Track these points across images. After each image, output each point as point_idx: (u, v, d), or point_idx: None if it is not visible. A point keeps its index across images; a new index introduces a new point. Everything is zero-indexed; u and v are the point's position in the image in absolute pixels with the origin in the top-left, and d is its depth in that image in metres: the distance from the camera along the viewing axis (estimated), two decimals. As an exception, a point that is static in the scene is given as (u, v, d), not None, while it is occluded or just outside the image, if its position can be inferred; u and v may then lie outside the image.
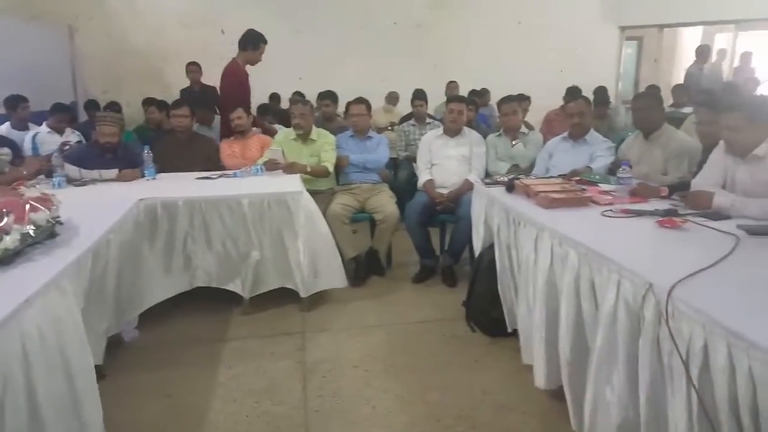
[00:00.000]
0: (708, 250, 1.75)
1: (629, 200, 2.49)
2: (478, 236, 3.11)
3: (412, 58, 7.52)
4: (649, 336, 1.54)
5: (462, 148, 3.91)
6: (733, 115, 2.23)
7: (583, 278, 1.93)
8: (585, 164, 3.30)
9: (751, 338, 1.21)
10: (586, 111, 3.49)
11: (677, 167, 2.99)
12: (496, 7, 7.74)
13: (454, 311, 3.26)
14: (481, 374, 2.64)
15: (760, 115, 2.20)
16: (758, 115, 2.20)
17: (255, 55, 4.46)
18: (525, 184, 2.72)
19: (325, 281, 3.33)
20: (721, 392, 1.30)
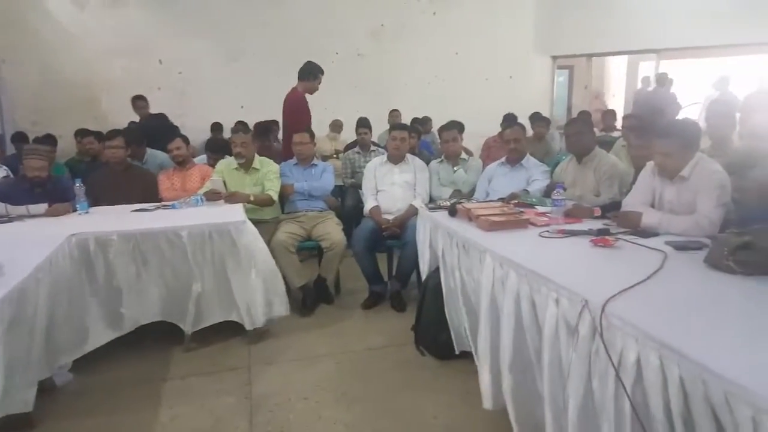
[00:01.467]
0: (639, 267, 1.84)
1: (565, 221, 2.60)
2: (423, 260, 3.15)
3: (354, 87, 7.62)
4: (582, 351, 1.59)
5: (406, 174, 3.97)
6: (667, 141, 2.38)
7: (523, 298, 1.98)
8: (522, 188, 3.42)
9: (681, 349, 1.28)
10: (521, 137, 3.64)
11: (609, 188, 3.15)
12: (434, 37, 8.00)
13: (403, 336, 3.27)
14: (431, 398, 2.64)
15: (691, 142, 2.36)
16: (690, 142, 2.36)
17: (314, 84, 4.88)
18: (466, 208, 2.79)
19: (272, 312, 3.26)
20: (655, 402, 1.36)
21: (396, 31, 7.98)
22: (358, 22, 7.85)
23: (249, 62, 7.46)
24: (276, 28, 7.53)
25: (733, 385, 1.14)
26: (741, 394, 1.11)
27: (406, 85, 7.89)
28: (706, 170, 2.34)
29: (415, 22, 7.98)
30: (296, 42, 7.62)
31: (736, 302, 1.60)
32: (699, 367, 1.22)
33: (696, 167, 2.36)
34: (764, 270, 1.71)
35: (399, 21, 7.95)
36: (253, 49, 7.48)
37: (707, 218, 2.26)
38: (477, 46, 8.01)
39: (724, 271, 1.77)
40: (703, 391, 1.21)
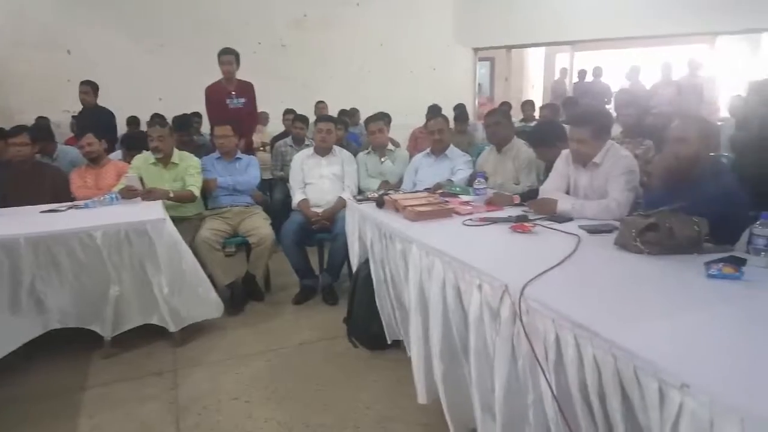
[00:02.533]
0: (555, 251, 1.93)
1: (487, 209, 2.68)
2: (353, 252, 3.15)
3: (279, 78, 7.46)
4: (505, 334, 1.66)
5: (334, 166, 3.95)
6: (581, 129, 2.51)
7: (449, 286, 2.03)
8: (447, 177, 3.49)
9: (594, 329, 1.35)
10: (445, 128, 3.71)
11: (527, 176, 3.28)
12: (359, 28, 7.98)
13: (335, 329, 3.26)
14: (364, 389, 2.65)
15: (603, 129, 2.49)
16: (602, 129, 2.49)
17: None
18: (393, 199, 2.81)
19: (197, 312, 3.16)
20: (573, 380, 1.43)
21: (319, 21, 7.88)
22: (280, 12, 7.69)
23: (167, 53, 7.14)
24: (195, 18, 7.24)
25: (640, 360, 1.21)
26: (647, 367, 1.19)
27: (332, 77, 7.83)
28: (616, 156, 2.49)
29: (338, 12, 7.92)
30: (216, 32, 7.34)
31: (643, 281, 1.71)
32: (609, 344, 1.29)
33: (607, 154, 2.51)
34: (668, 249, 1.84)
35: (322, 11, 7.86)
36: (172, 39, 7.16)
37: (616, 201, 2.41)
38: (401, 38, 8.07)
39: (633, 252, 1.89)
40: (613, 367, 1.29)
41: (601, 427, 1.38)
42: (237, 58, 4.79)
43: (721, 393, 1.04)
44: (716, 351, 1.22)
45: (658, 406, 1.17)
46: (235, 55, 4.78)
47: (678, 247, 1.83)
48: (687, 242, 1.82)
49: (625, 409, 1.29)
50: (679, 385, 1.11)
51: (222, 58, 4.73)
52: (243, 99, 4.84)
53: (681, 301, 1.51)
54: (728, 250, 1.84)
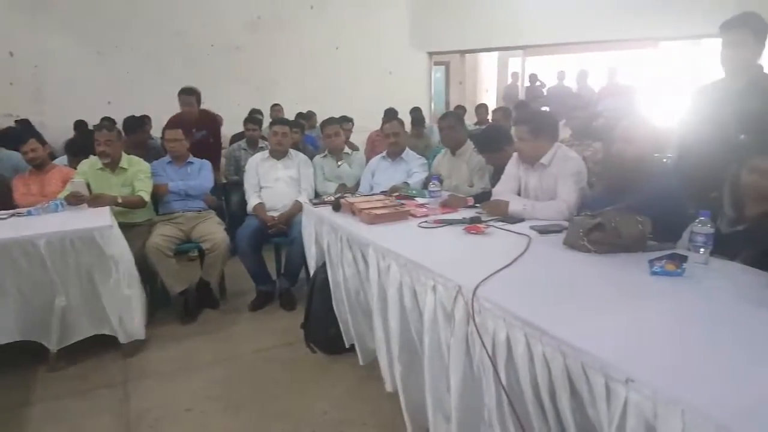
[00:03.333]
0: (507, 251, 1.96)
1: (442, 211, 2.71)
2: (310, 256, 3.13)
3: (233, 81, 7.35)
4: (459, 334, 1.68)
5: (290, 170, 3.92)
6: (520, 127, 2.58)
7: (405, 288, 2.04)
8: (403, 180, 3.51)
9: (543, 326, 1.39)
10: (400, 131, 3.74)
11: (481, 179, 3.34)
12: (314, 31, 7.94)
13: (293, 335, 3.22)
14: (322, 394, 2.63)
15: (542, 128, 2.57)
16: (540, 128, 2.56)
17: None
18: (350, 203, 2.81)
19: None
20: (524, 378, 1.46)
21: (274, 23, 7.79)
22: (233, 14, 7.56)
23: (117, 55, 6.91)
24: (146, 19, 7.03)
25: (587, 356, 1.25)
26: (594, 363, 1.23)
27: (288, 79, 7.76)
28: (564, 158, 2.58)
29: (293, 15, 7.86)
30: (168, 34, 7.19)
31: (590, 279, 1.76)
32: (557, 342, 1.33)
33: (555, 155, 2.59)
34: (614, 248, 1.91)
35: (276, 13, 7.78)
36: (122, 41, 6.93)
37: (566, 203, 2.48)
38: (356, 41, 8.07)
39: (581, 251, 1.95)
40: (562, 364, 1.32)
41: (552, 424, 1.41)
42: (198, 98, 4.74)
43: (663, 386, 1.09)
44: (659, 345, 1.27)
45: (606, 400, 1.21)
46: (196, 95, 4.73)
47: (623, 246, 1.89)
48: (632, 241, 1.89)
49: (575, 404, 1.33)
50: (624, 380, 1.15)
51: (182, 99, 4.63)
52: (204, 131, 4.76)
53: (626, 297, 1.57)
54: (670, 247, 1.91)
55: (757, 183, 1.82)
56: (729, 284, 1.61)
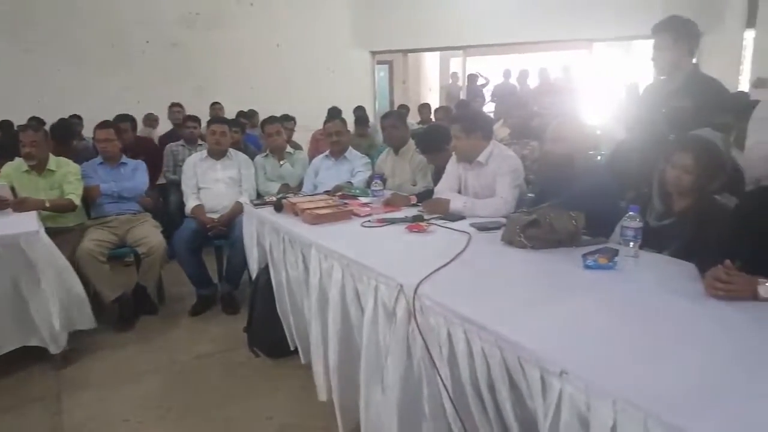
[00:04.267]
0: (448, 249, 1.98)
1: (384, 210, 2.71)
2: (252, 258, 3.06)
3: (171, 79, 7.11)
4: (400, 333, 1.68)
5: (230, 170, 3.82)
6: (454, 126, 2.64)
7: (348, 288, 2.03)
8: (347, 179, 3.50)
9: (481, 322, 1.41)
10: (342, 130, 3.72)
11: (423, 177, 3.37)
12: (254, 28, 7.78)
13: (236, 340, 3.14)
14: (266, 399, 2.58)
15: (474, 126, 2.62)
16: (472, 126, 2.62)
17: None
18: (292, 203, 2.77)
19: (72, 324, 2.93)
20: (465, 374, 1.47)
21: (211, 20, 7.59)
22: (169, 10, 7.31)
23: (47, 53, 6.55)
24: (78, 14, 6.70)
25: (523, 350, 1.28)
26: (530, 357, 1.26)
27: (229, 77, 7.58)
28: (501, 156, 2.65)
29: (231, 11, 7.68)
30: (101, 29, 6.88)
31: (527, 274, 1.81)
32: (495, 336, 1.35)
33: (492, 154, 2.65)
34: (549, 243, 1.97)
35: (214, 10, 7.58)
36: (52, 38, 6.57)
37: (503, 199, 2.54)
38: (298, 39, 7.97)
39: (518, 247, 1.99)
40: (500, 358, 1.34)
41: (492, 418, 1.44)
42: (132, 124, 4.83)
43: (595, 378, 1.12)
44: (591, 337, 1.31)
45: (541, 392, 1.23)
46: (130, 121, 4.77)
47: (558, 241, 1.95)
48: (566, 236, 1.95)
49: (514, 397, 1.35)
50: (559, 372, 1.18)
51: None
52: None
53: (561, 291, 1.62)
54: (603, 242, 1.99)
55: (679, 178, 1.92)
56: (657, 276, 1.68)
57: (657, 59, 2.54)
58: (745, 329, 1.31)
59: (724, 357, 1.19)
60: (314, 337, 2.30)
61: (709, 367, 1.15)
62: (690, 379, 1.10)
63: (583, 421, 1.13)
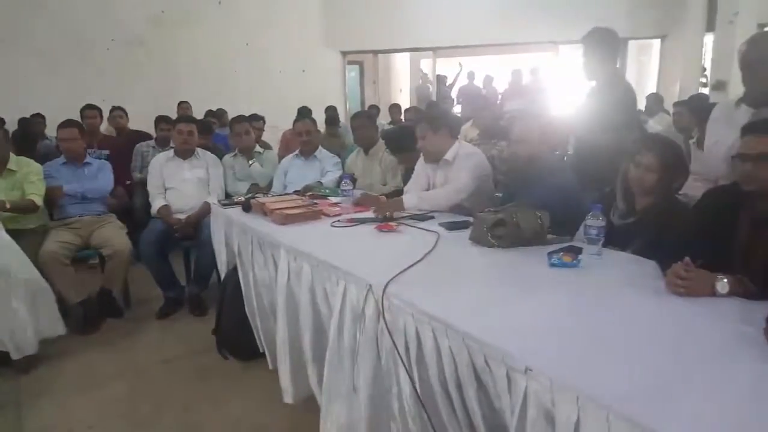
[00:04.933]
0: (417, 248, 1.99)
1: (354, 210, 2.71)
2: (221, 260, 3.03)
3: (137, 78, 6.97)
4: (369, 333, 1.68)
5: (198, 170, 3.76)
6: (420, 125, 2.68)
7: (317, 288, 2.02)
8: (316, 179, 3.48)
9: (448, 321, 1.42)
10: (312, 129, 3.70)
11: (394, 177, 3.39)
12: (223, 27, 7.68)
13: (204, 342, 3.09)
14: (236, 402, 2.55)
15: (439, 124, 2.65)
16: (438, 124, 2.65)
17: None
18: (261, 203, 2.74)
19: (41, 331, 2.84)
20: (433, 373, 1.48)
21: (179, 18, 7.45)
22: (135, 8, 7.14)
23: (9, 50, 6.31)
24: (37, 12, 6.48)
25: (489, 348, 1.29)
26: (496, 355, 1.27)
27: (197, 76, 7.46)
28: (466, 153, 2.71)
29: (199, 9, 7.56)
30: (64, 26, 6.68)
31: (494, 272, 1.84)
32: (462, 335, 1.36)
33: (458, 152, 2.69)
34: (516, 242, 1.99)
35: (181, 8, 7.44)
36: (15, 35, 6.34)
37: (454, 187, 2.59)
38: (268, 39, 7.89)
39: (485, 246, 2.01)
40: (467, 357, 1.36)
41: (460, 416, 1.45)
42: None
43: (559, 374, 1.14)
44: (556, 335, 1.34)
45: (508, 390, 1.25)
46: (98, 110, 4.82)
47: (524, 240, 1.98)
48: (532, 234, 1.98)
49: (482, 395, 1.36)
50: (524, 370, 1.19)
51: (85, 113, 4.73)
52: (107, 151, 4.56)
53: (526, 289, 1.64)
54: (568, 240, 2.02)
55: (643, 177, 1.97)
56: (620, 274, 1.72)
57: (584, 66, 2.79)
58: (702, 325, 1.35)
59: (683, 353, 1.22)
60: (280, 339, 2.28)
61: (668, 362, 1.18)
62: (650, 375, 1.13)
63: (548, 417, 1.15)
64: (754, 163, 1.54)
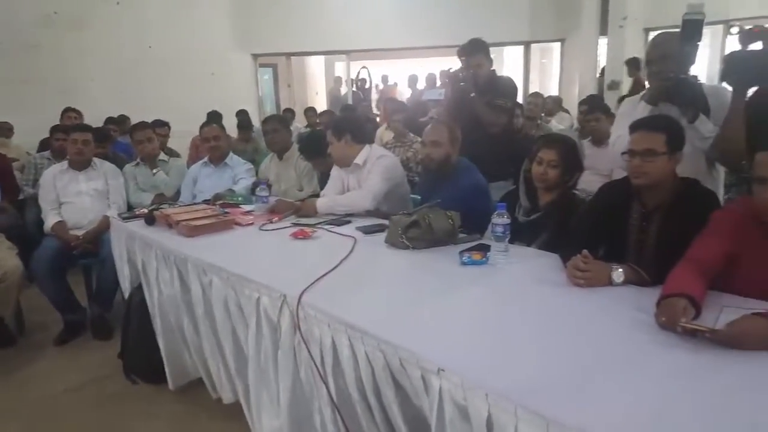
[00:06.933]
0: (333, 254, 1.96)
1: (269, 217, 2.63)
2: (124, 277, 2.83)
3: (30, 83, 6.44)
4: (286, 345, 1.63)
5: (95, 182, 3.50)
6: (328, 132, 2.72)
7: (231, 302, 1.93)
8: (228, 187, 3.35)
9: (363, 327, 1.40)
10: (221, 134, 3.56)
11: (310, 182, 3.33)
12: (122, 29, 7.27)
13: (110, 367, 2.87)
14: (146, 429, 2.40)
15: (344, 130, 2.67)
16: (343, 130, 2.67)
17: None
18: (166, 214, 2.59)
19: None
20: (350, 381, 1.46)
21: (73, 19, 6.96)
22: (24, 9, 6.61)
23: None
24: None
25: (403, 351, 1.29)
26: (410, 357, 1.27)
27: (97, 81, 7.01)
28: (377, 156, 2.72)
29: (94, 11, 7.11)
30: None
31: (408, 274, 1.85)
32: (377, 340, 1.35)
33: (369, 156, 2.70)
34: (429, 243, 2.02)
35: (75, 9, 6.96)
36: None
37: (367, 189, 2.60)
38: (173, 41, 7.53)
39: (400, 248, 2.02)
40: (383, 361, 1.35)
41: (380, 422, 1.44)
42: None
43: (469, 372, 1.16)
44: (467, 333, 1.36)
45: (425, 390, 1.25)
46: None
47: (437, 240, 2.01)
48: (444, 235, 2.01)
49: (400, 398, 1.36)
50: (437, 370, 1.20)
51: None
52: None
53: (439, 289, 1.66)
54: (477, 238, 2.07)
55: (546, 172, 2.05)
56: (525, 268, 1.79)
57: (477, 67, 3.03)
58: (601, 315, 1.42)
59: (584, 343, 1.28)
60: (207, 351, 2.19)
61: (571, 353, 1.23)
62: (554, 367, 1.17)
63: (464, 414, 1.17)
64: (641, 158, 1.65)
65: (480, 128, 2.93)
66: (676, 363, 1.16)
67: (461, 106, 2.99)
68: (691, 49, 1.92)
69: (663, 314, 1.29)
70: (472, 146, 2.70)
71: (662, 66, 2.02)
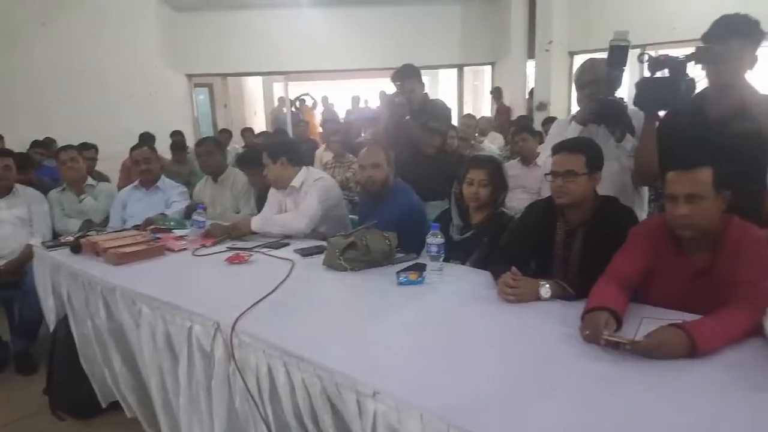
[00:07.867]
0: (270, 278, 1.93)
1: (203, 242, 2.56)
2: (48, 309, 2.68)
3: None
4: (220, 375, 1.60)
5: (17, 209, 3.30)
6: (263, 154, 2.72)
7: (158, 333, 1.86)
8: (160, 211, 3.25)
9: (299, 353, 1.39)
10: (152, 157, 3.45)
11: (247, 203, 3.28)
12: (49, 51, 6.98)
13: (35, 404, 2.71)
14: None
15: (277, 153, 2.67)
16: (276, 153, 2.67)
17: None
18: (92, 242, 2.48)
19: None
20: (287, 408, 1.44)
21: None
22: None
23: None
24: None
25: (339, 375, 1.29)
26: (345, 382, 1.27)
27: (21, 105, 6.70)
28: (313, 179, 2.72)
29: (19, 32, 6.80)
30: None
31: (345, 297, 1.86)
32: (313, 366, 1.35)
33: (306, 178, 2.70)
34: (367, 264, 2.03)
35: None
36: None
37: (303, 212, 2.60)
38: (100, 62, 7.28)
39: (338, 270, 2.02)
40: (320, 387, 1.34)
41: (318, 448, 1.42)
42: None
43: (404, 394, 1.17)
44: (402, 354, 1.38)
45: (358, 415, 1.25)
46: None
47: (375, 261, 2.03)
48: (381, 255, 2.03)
49: (337, 423, 1.35)
50: (372, 393, 1.21)
51: None
52: None
53: (376, 311, 1.67)
54: (414, 258, 2.11)
55: (477, 192, 2.13)
56: (459, 287, 1.83)
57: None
58: (530, 330, 1.48)
59: (514, 359, 1.33)
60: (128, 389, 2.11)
61: (501, 371, 1.27)
62: (485, 385, 1.20)
63: (397, 435, 1.17)
64: (563, 178, 1.74)
65: (416, 150, 3.02)
66: (600, 375, 1.22)
67: (398, 129, 3.05)
68: (618, 73, 2.05)
69: (587, 328, 1.35)
70: (409, 167, 2.78)
71: (593, 89, 2.15)
